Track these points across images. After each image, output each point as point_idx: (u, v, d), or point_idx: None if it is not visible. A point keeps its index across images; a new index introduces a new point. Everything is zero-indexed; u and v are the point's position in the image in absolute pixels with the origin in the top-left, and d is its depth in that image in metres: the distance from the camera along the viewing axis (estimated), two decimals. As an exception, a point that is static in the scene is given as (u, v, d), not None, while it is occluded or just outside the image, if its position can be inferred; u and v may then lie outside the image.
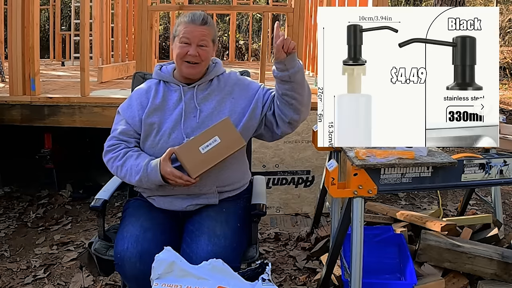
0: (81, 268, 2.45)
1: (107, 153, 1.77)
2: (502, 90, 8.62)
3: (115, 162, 1.74)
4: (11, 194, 3.71)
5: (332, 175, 1.65)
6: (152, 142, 1.76)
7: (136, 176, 1.69)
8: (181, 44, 1.75)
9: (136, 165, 1.70)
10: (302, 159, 3.29)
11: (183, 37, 1.75)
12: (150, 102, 1.79)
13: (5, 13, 5.28)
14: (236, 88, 1.84)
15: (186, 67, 1.77)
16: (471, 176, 1.69)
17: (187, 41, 1.75)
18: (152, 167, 1.67)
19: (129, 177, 1.72)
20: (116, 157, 1.74)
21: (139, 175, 1.68)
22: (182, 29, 1.76)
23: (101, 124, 3.36)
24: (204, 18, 1.77)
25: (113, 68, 4.94)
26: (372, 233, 2.29)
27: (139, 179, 1.69)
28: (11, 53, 3.37)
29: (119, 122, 1.81)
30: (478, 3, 13.68)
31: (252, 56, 9.79)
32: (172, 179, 1.65)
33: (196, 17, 1.76)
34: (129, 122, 1.79)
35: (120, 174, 1.75)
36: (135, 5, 5.25)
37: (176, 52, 1.77)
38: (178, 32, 1.78)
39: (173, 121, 1.76)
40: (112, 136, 1.80)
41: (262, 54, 3.63)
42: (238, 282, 1.45)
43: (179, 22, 1.79)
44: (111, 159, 1.75)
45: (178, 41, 1.77)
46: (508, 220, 3.24)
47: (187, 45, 1.75)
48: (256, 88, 1.85)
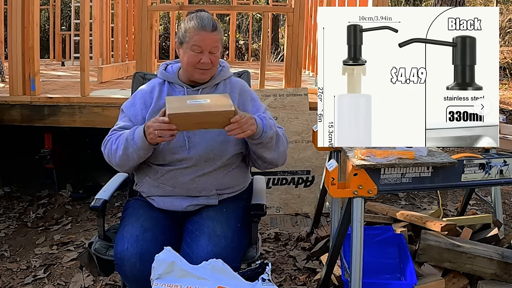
0: (81, 268, 2.45)
1: (104, 142, 1.76)
2: (502, 90, 8.62)
3: (111, 141, 1.72)
4: (11, 194, 3.71)
5: (332, 175, 1.65)
6: None
7: (123, 142, 1.66)
8: (193, 53, 1.72)
9: (128, 133, 1.67)
10: (302, 159, 3.29)
11: (195, 46, 1.71)
12: (154, 102, 1.78)
13: (5, 13, 5.28)
14: (239, 99, 1.83)
15: (199, 74, 1.76)
16: (471, 176, 1.69)
17: (199, 50, 1.72)
18: (137, 128, 1.65)
19: (118, 146, 1.68)
20: (114, 139, 1.72)
21: (126, 137, 1.66)
22: (193, 36, 1.71)
23: (101, 124, 3.36)
24: (214, 24, 1.73)
25: (113, 68, 4.95)
26: (372, 233, 2.29)
27: (125, 142, 1.65)
28: (11, 53, 3.37)
29: (121, 119, 1.81)
30: (478, 3, 13.67)
31: (252, 56, 9.79)
32: (150, 124, 1.58)
33: (205, 22, 1.72)
34: (132, 119, 1.78)
35: (113, 147, 1.70)
36: (135, 5, 5.25)
37: (188, 60, 1.73)
38: (187, 39, 1.73)
39: None
40: (113, 129, 1.79)
41: (262, 54, 3.63)
42: (238, 282, 1.45)
43: (187, 27, 1.73)
44: (108, 142, 1.74)
45: (189, 49, 1.72)
46: (508, 220, 3.24)
47: (199, 53, 1.72)
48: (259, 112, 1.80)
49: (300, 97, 3.34)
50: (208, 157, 1.73)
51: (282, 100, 3.32)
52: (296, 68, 3.47)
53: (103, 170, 1.88)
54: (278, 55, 10.55)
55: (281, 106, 3.31)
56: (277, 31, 11.89)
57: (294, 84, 3.47)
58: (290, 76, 3.49)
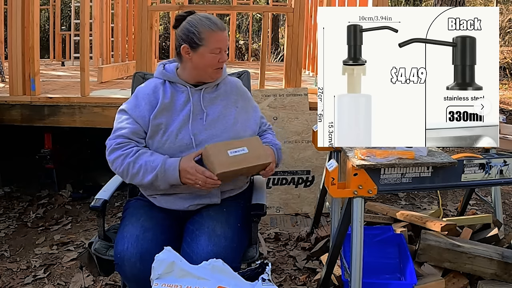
0: (81, 268, 2.45)
1: (114, 150, 1.71)
2: (502, 90, 8.62)
3: (126, 158, 1.68)
4: (11, 194, 3.71)
5: (332, 175, 1.65)
6: (158, 143, 1.74)
7: (151, 173, 1.66)
8: (214, 54, 1.74)
9: (152, 161, 1.67)
10: (302, 159, 3.29)
11: (216, 48, 1.73)
12: (160, 102, 1.76)
13: (5, 13, 5.28)
14: (240, 99, 1.87)
15: (216, 73, 1.79)
16: (471, 176, 1.69)
17: (219, 50, 1.74)
18: (171, 163, 1.66)
19: (143, 174, 1.67)
20: (127, 154, 1.69)
21: (156, 171, 1.65)
22: (212, 39, 1.72)
23: (101, 124, 3.36)
24: (223, 23, 1.78)
25: (113, 68, 4.95)
26: (372, 233, 2.29)
27: (154, 176, 1.66)
28: (11, 53, 3.37)
29: (125, 121, 1.76)
30: (478, 3, 13.68)
31: (252, 56, 9.80)
32: (193, 173, 1.62)
33: (218, 22, 1.75)
34: (139, 121, 1.75)
35: (132, 171, 1.68)
36: (135, 5, 5.25)
37: (207, 62, 1.74)
38: (205, 42, 1.72)
39: (181, 122, 1.75)
40: (120, 134, 1.73)
41: (262, 54, 3.63)
42: (238, 282, 1.45)
43: (200, 30, 1.72)
44: (121, 156, 1.69)
45: (209, 52, 1.73)
46: (508, 220, 3.24)
47: (218, 53, 1.75)
48: (257, 113, 1.91)
49: (300, 97, 3.34)
50: None
51: (282, 100, 3.33)
52: (296, 68, 3.47)
53: (103, 170, 1.87)
54: (278, 55, 10.56)
55: (281, 106, 3.32)
56: (277, 31, 11.90)
57: (294, 84, 3.47)
58: (290, 76, 3.49)
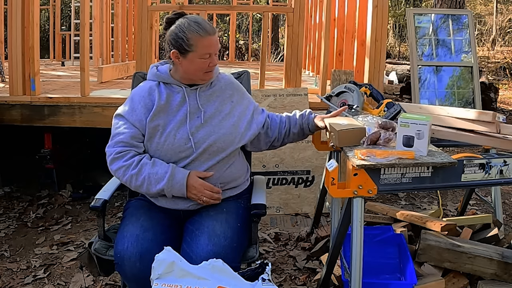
0: (81, 268, 2.45)
1: (115, 160, 1.72)
2: (502, 90, 8.62)
3: (128, 170, 1.70)
4: (11, 194, 3.71)
5: (332, 175, 1.65)
6: (157, 144, 1.74)
7: (157, 186, 1.69)
8: (203, 59, 1.73)
9: (155, 173, 1.69)
10: (302, 159, 3.29)
11: (205, 53, 1.72)
12: (156, 104, 1.76)
13: (5, 13, 5.29)
14: (235, 93, 1.88)
15: (207, 76, 1.80)
16: (471, 176, 1.69)
17: (208, 55, 1.74)
18: (178, 179, 1.68)
19: (147, 186, 1.70)
20: (129, 166, 1.71)
21: (162, 184, 1.68)
22: (201, 45, 1.71)
23: (101, 124, 3.36)
24: (211, 25, 1.77)
25: (113, 68, 4.95)
26: (372, 233, 2.29)
27: (160, 189, 1.69)
28: (11, 53, 3.37)
29: (122, 126, 1.76)
30: (478, 3, 13.68)
31: (252, 56, 9.81)
32: (200, 190, 1.69)
33: (207, 27, 1.73)
34: (136, 125, 1.75)
35: (135, 183, 1.71)
36: (135, 5, 5.25)
37: (197, 67, 1.74)
38: (194, 48, 1.71)
39: (178, 122, 1.75)
40: (119, 141, 1.74)
41: (262, 54, 3.63)
42: (238, 282, 1.45)
43: (189, 36, 1.71)
44: (123, 168, 1.71)
45: (198, 57, 1.72)
46: (508, 220, 3.24)
47: (208, 58, 1.74)
48: (251, 103, 1.92)
49: (300, 97, 3.34)
50: (212, 150, 1.75)
51: (282, 100, 3.33)
52: (296, 68, 3.47)
53: (103, 170, 1.87)
54: (278, 55, 10.56)
55: (281, 106, 3.31)
56: (277, 31, 11.91)
57: (294, 84, 3.47)
58: (290, 76, 3.49)
